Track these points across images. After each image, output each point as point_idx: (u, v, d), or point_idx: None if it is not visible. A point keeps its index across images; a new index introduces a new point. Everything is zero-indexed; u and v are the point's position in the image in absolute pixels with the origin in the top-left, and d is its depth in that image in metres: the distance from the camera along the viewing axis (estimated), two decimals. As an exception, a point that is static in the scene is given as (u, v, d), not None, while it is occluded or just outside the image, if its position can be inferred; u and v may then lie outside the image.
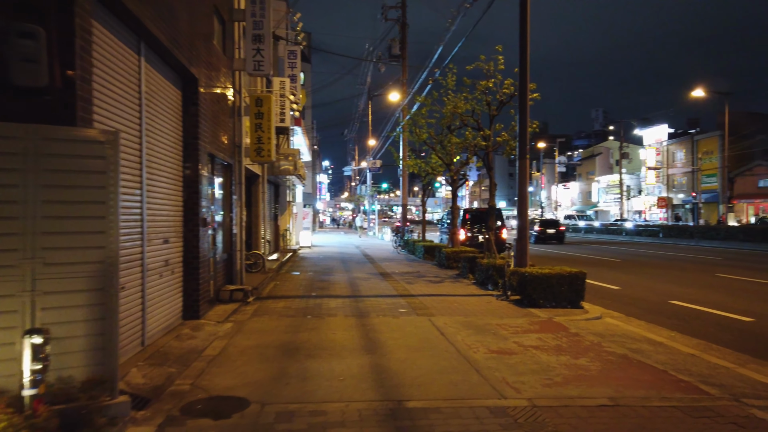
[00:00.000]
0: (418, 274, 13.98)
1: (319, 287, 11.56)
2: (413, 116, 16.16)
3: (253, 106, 10.61)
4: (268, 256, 17.97)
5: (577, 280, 8.96)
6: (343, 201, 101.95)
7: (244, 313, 8.42)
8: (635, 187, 69.76)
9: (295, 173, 17.04)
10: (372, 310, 8.64)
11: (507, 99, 12.33)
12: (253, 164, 12.37)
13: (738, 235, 24.05)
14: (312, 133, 56.35)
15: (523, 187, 10.45)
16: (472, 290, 10.99)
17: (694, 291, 11.36)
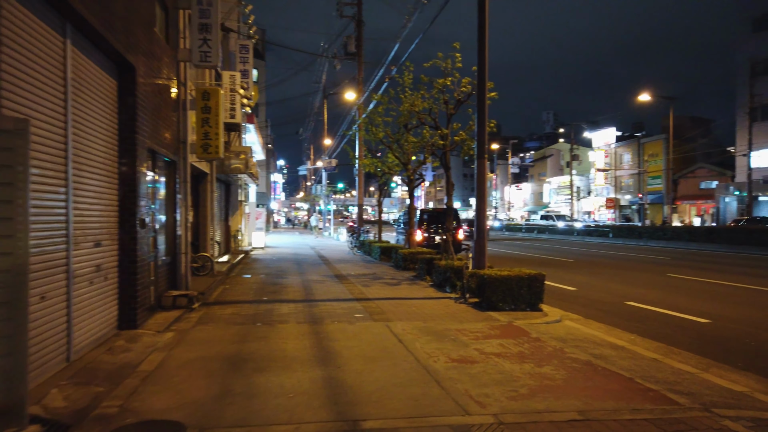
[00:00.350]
0: (374, 276, 13.61)
1: (271, 291, 11.03)
2: (369, 114, 15.79)
3: (199, 99, 9.99)
4: (218, 258, 17.23)
5: (536, 282, 8.79)
6: (298, 201, 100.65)
7: (188, 320, 7.83)
8: (585, 188, 71.66)
9: (247, 172, 16.39)
10: (326, 315, 8.20)
11: (465, 97, 12.11)
12: (200, 162, 11.71)
13: (684, 235, 24.80)
14: (266, 131, 55.24)
15: (482, 186, 10.23)
16: (430, 293, 10.70)
17: (648, 292, 11.43)
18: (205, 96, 9.97)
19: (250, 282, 12.62)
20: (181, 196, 9.65)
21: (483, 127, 10.07)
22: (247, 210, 26.40)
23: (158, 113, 8.20)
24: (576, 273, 14.92)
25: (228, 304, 9.42)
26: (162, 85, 8.52)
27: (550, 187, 79.35)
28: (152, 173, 8.15)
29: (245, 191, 26.21)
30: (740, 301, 10.23)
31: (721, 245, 22.45)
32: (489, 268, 9.78)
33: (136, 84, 6.96)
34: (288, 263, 17.73)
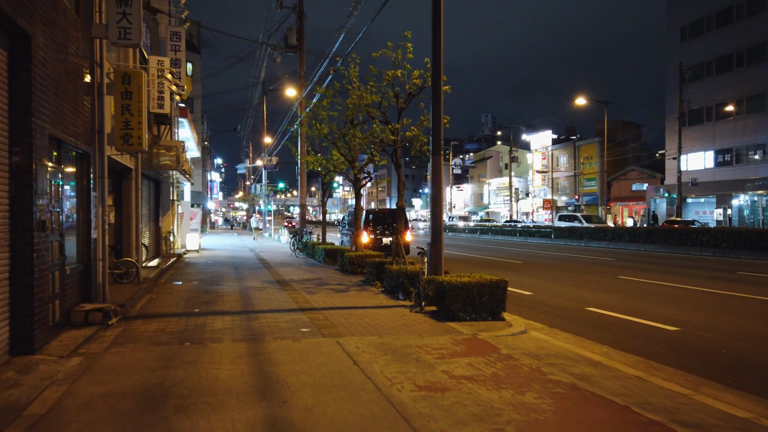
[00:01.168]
0: (319, 282, 12.63)
1: (204, 301, 9.85)
2: (314, 109, 14.79)
3: (118, 83, 8.70)
4: (146, 262, 15.72)
5: (499, 290, 8.11)
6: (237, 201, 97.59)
7: (102, 340, 6.62)
8: (523, 190, 73.10)
9: (179, 168, 15.00)
10: (268, 330, 7.19)
11: (417, 91, 11.36)
12: (121, 155, 10.36)
13: (624, 236, 25.19)
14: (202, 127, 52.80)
15: (438, 185, 9.48)
16: (382, 300, 9.85)
17: (604, 296, 11.05)
18: (126, 79, 8.70)
19: (181, 290, 11.35)
20: (97, 194, 8.35)
21: (438, 120, 9.33)
22: (180, 210, 24.70)
23: (65, 95, 6.93)
24: (528, 276, 14.50)
25: (153, 318, 8.21)
26: (71, 63, 7.23)
27: (490, 189, 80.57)
28: (57, 166, 6.87)
29: (178, 190, 24.50)
30: (700, 305, 9.98)
31: (660, 246, 22.88)
32: (445, 274, 9.06)
33: (33, 57, 5.71)
34: (225, 267, 16.44)
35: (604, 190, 56.73)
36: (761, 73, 39.55)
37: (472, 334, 7.06)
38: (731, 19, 42.37)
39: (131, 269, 11.59)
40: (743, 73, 41.25)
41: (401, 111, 11.58)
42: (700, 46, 44.68)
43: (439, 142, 9.36)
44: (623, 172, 56.78)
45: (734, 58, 42.32)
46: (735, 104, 42.01)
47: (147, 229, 17.10)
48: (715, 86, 43.40)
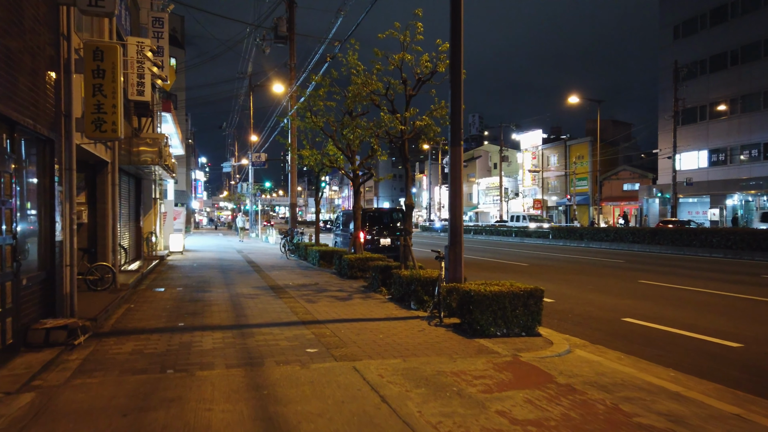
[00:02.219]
0: (318, 288, 11.45)
1: (190, 312, 8.62)
2: (309, 99, 13.59)
3: (89, 59, 7.45)
4: (126, 266, 14.41)
5: (533, 300, 7.01)
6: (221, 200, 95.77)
7: (65, 367, 5.39)
8: (513, 190, 72.41)
9: (161, 163, 13.72)
10: (267, 351, 6.01)
11: (427, 76, 10.23)
12: (94, 145, 9.08)
13: (627, 237, 24.31)
14: (187, 125, 51.24)
15: (457, 180, 8.36)
16: (392, 310, 8.71)
17: (633, 303, 10.02)
18: (98, 55, 7.45)
19: (164, 298, 10.10)
20: (64, 189, 7.10)
21: (458, 106, 8.22)
22: (163, 209, 23.34)
23: (20, 68, 5.69)
24: (541, 280, 13.44)
25: (130, 334, 6.98)
26: (28, 30, 5.99)
27: (479, 188, 79.84)
28: (9, 153, 5.63)
29: (161, 188, 23.13)
30: (749, 315, 8.98)
31: (666, 247, 22.02)
32: (466, 281, 7.96)
33: (-28, 10, 4.49)
34: (212, 271, 15.17)
35: (596, 189, 56.22)
36: (756, 71, 39.09)
37: (511, 354, 5.95)
38: (726, 17, 41.89)
39: (107, 275, 10.32)
40: (738, 72, 40.78)
41: (410, 99, 10.44)
42: (694, 44, 44.18)
43: (459, 131, 8.25)
44: (614, 172, 56.29)
45: (728, 57, 41.86)
46: (729, 103, 41.54)
47: (126, 230, 15.78)
48: (709, 85, 42.92)
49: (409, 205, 10.66)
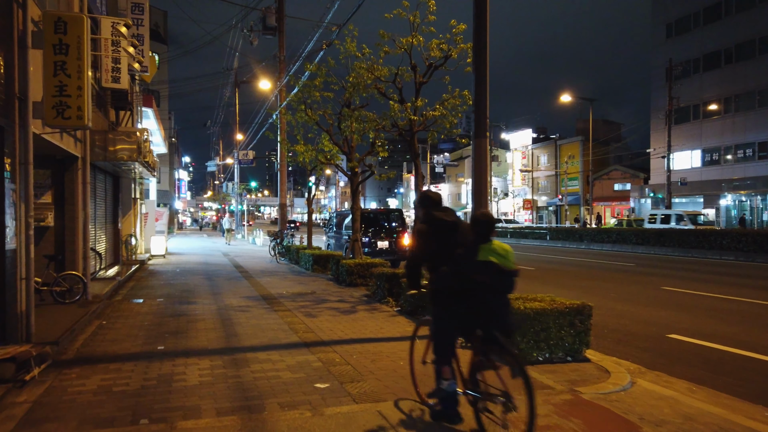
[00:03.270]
0: (315, 298, 10.29)
1: (172, 330, 7.42)
2: (303, 90, 12.41)
3: (50, 32, 6.23)
4: (102, 272, 13.12)
5: (580, 318, 5.95)
6: (206, 200, 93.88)
7: (6, 417, 4.19)
8: (502, 190, 71.72)
9: (140, 160, 12.46)
10: (267, 388, 4.86)
11: (440, 61, 9.14)
12: (60, 136, 7.81)
13: (630, 238, 23.45)
14: (170, 123, 49.66)
15: (481, 177, 7.29)
16: (403, 325, 7.59)
17: (669, 314, 9.01)
18: (60, 27, 6.23)
19: (142, 312, 8.87)
20: (17, 187, 5.88)
21: (483, 92, 7.14)
22: (144, 210, 21.98)
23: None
24: (554, 286, 12.41)
25: (97, 362, 5.77)
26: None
27: (468, 188, 79.01)
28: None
29: (142, 187, 21.78)
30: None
31: (672, 249, 21.18)
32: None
33: None
34: (196, 277, 13.92)
35: (588, 189, 55.65)
36: (751, 70, 38.64)
37: (567, 389, 4.87)
38: (719, 15, 41.42)
39: (76, 285, 9.07)
40: (732, 71, 40.32)
41: (420, 86, 9.34)
42: (687, 43, 43.70)
43: (485, 121, 7.17)
44: (605, 172, 55.79)
45: (722, 55, 41.40)
46: (723, 102, 41.09)
47: (103, 233, 14.49)
48: (703, 84, 42.44)
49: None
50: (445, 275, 3.90)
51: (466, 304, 3.80)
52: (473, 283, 3.72)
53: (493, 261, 3.71)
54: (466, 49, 8.99)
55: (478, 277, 3.71)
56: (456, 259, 3.88)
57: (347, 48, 11.34)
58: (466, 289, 3.77)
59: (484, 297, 3.72)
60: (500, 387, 3.57)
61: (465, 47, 8.97)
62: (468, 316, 3.85)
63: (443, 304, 3.99)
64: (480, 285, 3.71)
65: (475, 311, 3.77)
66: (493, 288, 3.73)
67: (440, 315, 4.05)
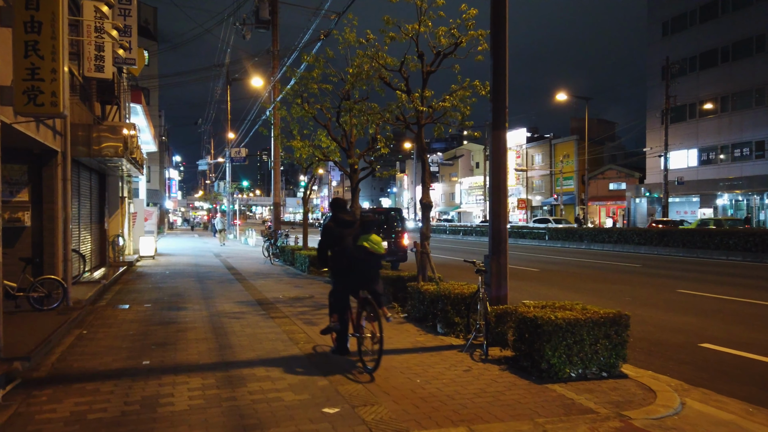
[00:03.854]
0: (314, 303, 9.63)
1: (160, 341, 6.73)
2: (300, 82, 11.72)
3: (21, 7, 5.53)
4: (89, 273, 12.38)
5: (617, 329, 5.33)
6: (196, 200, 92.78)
7: (-42, 453, 3.51)
8: (497, 189, 71.08)
9: (127, 156, 11.74)
10: (268, 414, 4.20)
11: (451, 48, 8.49)
12: (35, 126, 7.09)
13: (632, 238, 22.93)
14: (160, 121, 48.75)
15: (499, 171, 6.66)
16: (415, 336, 6.96)
17: (696, 321, 8.44)
18: (32, 2, 5.53)
19: (127, 319, 8.17)
20: (-18, 182, 5.17)
21: (502, 79, 6.52)
22: (132, 209, 21.19)
23: None
24: (562, 289, 11.83)
25: (73, 382, 5.09)
26: None
27: (462, 188, 78.62)
28: None
29: (130, 186, 21.01)
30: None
31: (676, 249, 20.68)
32: (523, 304, 6.27)
33: None
34: (187, 280, 13.20)
35: (585, 188, 55.29)
36: (748, 68, 38.33)
37: (614, 413, 4.24)
38: (716, 13, 41.09)
39: (56, 290, 8.35)
40: (728, 69, 40.00)
41: (427, 76, 8.67)
42: (684, 41, 43.36)
43: (503, 112, 6.55)
44: (600, 171, 55.43)
45: (719, 54, 41.06)
46: (720, 101, 40.78)
47: (88, 233, 13.74)
48: (699, 82, 42.10)
49: (427, 204, 8.90)
50: (336, 254, 5.83)
51: (351, 274, 5.74)
52: (353, 260, 5.64)
53: (366, 246, 5.54)
54: (476, 36, 8.36)
55: (356, 255, 5.61)
56: (346, 245, 5.75)
57: (346, 38, 10.70)
58: (350, 264, 5.70)
59: (361, 270, 5.65)
60: (371, 330, 5.50)
61: (475, 34, 8.34)
62: (352, 282, 5.80)
63: (338, 275, 5.90)
64: (358, 262, 5.62)
65: (357, 279, 5.72)
66: (366, 264, 5.63)
67: (336, 282, 5.99)
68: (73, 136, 10.37)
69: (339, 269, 5.83)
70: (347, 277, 5.78)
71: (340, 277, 5.87)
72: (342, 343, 5.85)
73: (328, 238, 5.92)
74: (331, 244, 5.88)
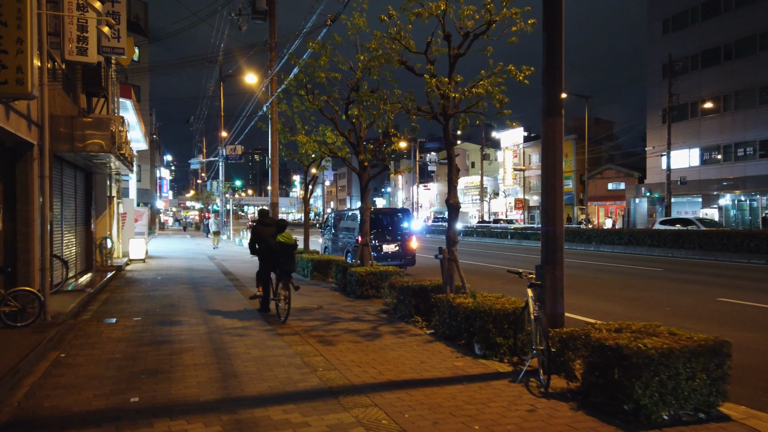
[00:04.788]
0: (325, 315, 8.59)
1: (150, 368, 5.67)
2: (306, 69, 10.66)
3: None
4: (74, 279, 11.24)
5: (716, 360, 4.34)
6: (188, 200, 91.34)
7: None
8: (493, 189, 70.46)
9: (114, 151, 10.63)
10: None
11: (483, 28, 7.48)
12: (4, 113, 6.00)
13: (645, 240, 22.05)
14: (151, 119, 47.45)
15: (555, 166, 5.65)
16: (451, 359, 5.95)
17: (760, 337, 7.48)
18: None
19: (113, 338, 7.09)
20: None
21: (557, 56, 5.52)
22: (122, 209, 20.02)
23: None
24: (593, 298, 10.86)
25: (41, 429, 4.03)
26: None
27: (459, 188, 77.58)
28: None
29: (119, 185, 19.85)
30: None
31: (693, 251, 19.81)
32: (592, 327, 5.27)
33: None
34: (181, 288, 12.11)
35: (586, 188, 54.57)
36: (751, 66, 37.62)
37: (750, 481, 3.24)
38: (719, 10, 40.38)
39: (31, 304, 7.27)
40: (731, 67, 39.29)
41: (455, 60, 7.65)
42: (685, 39, 42.64)
43: (558, 95, 5.55)
44: (599, 171, 54.72)
45: (722, 51, 40.36)
46: (722, 99, 40.06)
47: (73, 236, 12.63)
48: (701, 81, 41.38)
49: (454, 205, 7.89)
50: (261, 247, 8.58)
51: (270, 258, 8.42)
52: (272, 249, 8.31)
53: (281, 240, 8.21)
54: (510, 15, 7.37)
55: (274, 246, 8.27)
56: (267, 240, 8.40)
57: (355, 23, 9.70)
58: (270, 252, 8.40)
59: (277, 256, 8.25)
60: (284, 294, 8.00)
61: (509, 13, 7.34)
62: (272, 264, 8.48)
63: (262, 259, 8.66)
64: (275, 251, 8.28)
65: (274, 262, 8.35)
66: (281, 252, 8.23)
67: (261, 264, 8.72)
68: (54, 128, 9.27)
69: (263, 255, 8.63)
70: (268, 260, 8.54)
71: (263, 260, 8.68)
72: (265, 305, 8.78)
73: (255, 235, 8.68)
74: (258, 240, 8.62)
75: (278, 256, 8.22)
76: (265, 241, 8.41)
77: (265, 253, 8.51)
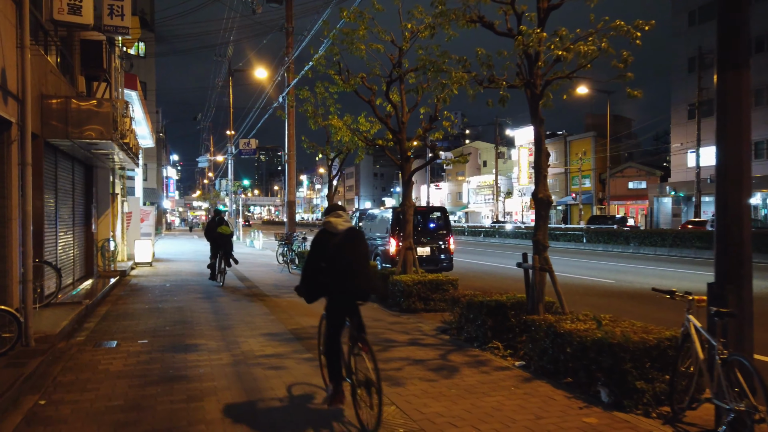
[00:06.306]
0: (373, 335, 6.95)
1: (161, 425, 4.03)
2: (341, 41, 9.00)
3: None
4: (72, 287, 9.60)
5: None
6: (194, 200, 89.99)
7: None
8: (507, 188, 68.66)
9: (116, 139, 9.04)
10: None
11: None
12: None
13: (693, 242, 20.28)
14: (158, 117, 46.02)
15: (741, 139, 3.97)
16: (568, 408, 4.30)
17: None
18: None
19: (112, 373, 5.45)
20: None
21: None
22: (126, 208, 18.44)
23: None
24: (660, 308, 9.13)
25: None
26: None
27: (469, 187, 76.02)
28: None
29: (124, 181, 18.29)
30: None
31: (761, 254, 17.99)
32: None
33: None
34: (193, 297, 10.49)
35: (599, 188, 52.74)
36: (789, 56, 35.73)
37: None
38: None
39: (7, 327, 5.65)
40: (764, 60, 37.37)
41: (546, 14, 5.96)
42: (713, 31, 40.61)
43: (742, 38, 3.87)
44: (619, 169, 52.80)
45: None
46: (755, 93, 38.09)
47: (70, 237, 11.06)
48: (732, 74, 39.38)
49: (543, 200, 6.22)
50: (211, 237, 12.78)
51: (217, 246, 12.67)
52: (216, 238, 12.66)
53: (221, 231, 12.58)
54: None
55: (217, 237, 12.64)
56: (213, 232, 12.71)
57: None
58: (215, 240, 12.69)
59: (220, 243, 12.59)
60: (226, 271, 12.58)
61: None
62: (217, 249, 12.65)
63: (212, 245, 12.83)
64: (219, 240, 12.62)
65: (218, 247, 12.64)
66: (222, 241, 12.56)
67: (211, 248, 12.84)
68: (44, 109, 7.69)
69: (212, 243, 12.67)
70: (215, 246, 12.59)
71: (212, 246, 12.71)
72: (213, 274, 12.64)
73: (209, 229, 12.96)
74: (210, 232, 12.73)
75: (221, 243, 12.53)
76: (213, 232, 12.68)
77: (213, 240, 12.72)
